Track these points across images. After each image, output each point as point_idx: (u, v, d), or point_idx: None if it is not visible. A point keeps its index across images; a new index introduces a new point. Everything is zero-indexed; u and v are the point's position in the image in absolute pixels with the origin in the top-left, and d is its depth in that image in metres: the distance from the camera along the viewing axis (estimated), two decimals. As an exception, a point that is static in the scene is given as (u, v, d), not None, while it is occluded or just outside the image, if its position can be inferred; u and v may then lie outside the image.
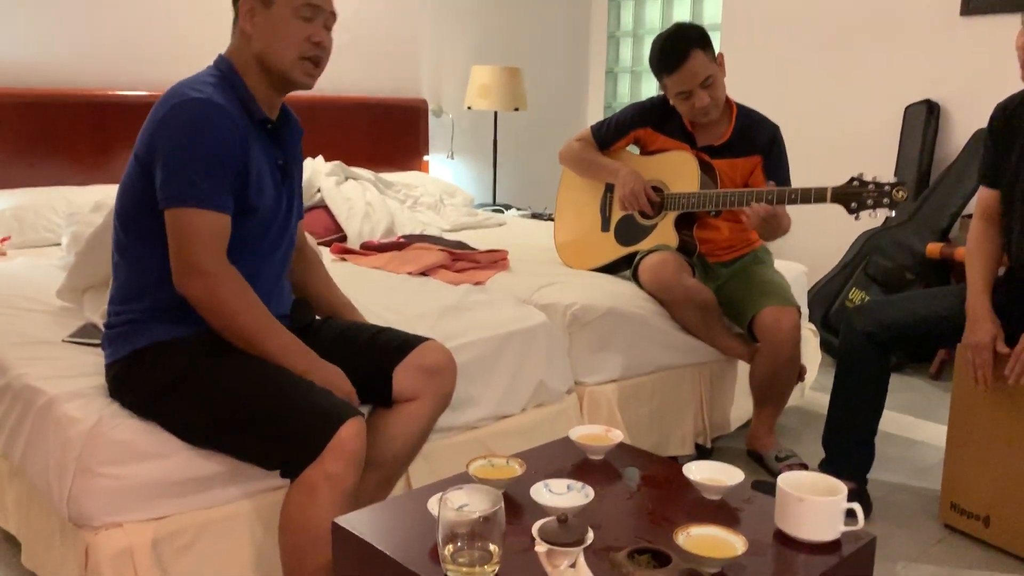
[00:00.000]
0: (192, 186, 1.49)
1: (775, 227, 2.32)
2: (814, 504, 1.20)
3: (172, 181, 1.50)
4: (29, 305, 2.13)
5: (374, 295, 2.28)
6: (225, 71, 1.62)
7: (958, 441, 2.17)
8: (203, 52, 1.86)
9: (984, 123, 2.16)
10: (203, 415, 1.53)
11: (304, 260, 1.90)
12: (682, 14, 4.60)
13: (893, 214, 2.16)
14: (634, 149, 2.69)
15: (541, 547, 1.09)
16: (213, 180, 1.50)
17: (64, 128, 3.15)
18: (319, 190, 3.32)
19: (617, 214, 2.66)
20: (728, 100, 2.51)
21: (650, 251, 2.49)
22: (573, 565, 1.08)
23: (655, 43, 2.45)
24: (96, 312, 1.98)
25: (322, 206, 3.29)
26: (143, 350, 1.57)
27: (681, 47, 2.36)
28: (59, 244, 2.72)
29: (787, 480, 1.24)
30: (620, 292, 2.45)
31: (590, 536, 1.12)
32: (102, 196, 2.86)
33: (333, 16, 1.65)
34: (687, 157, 2.49)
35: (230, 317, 1.52)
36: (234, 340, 1.54)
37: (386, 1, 4.11)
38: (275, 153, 1.66)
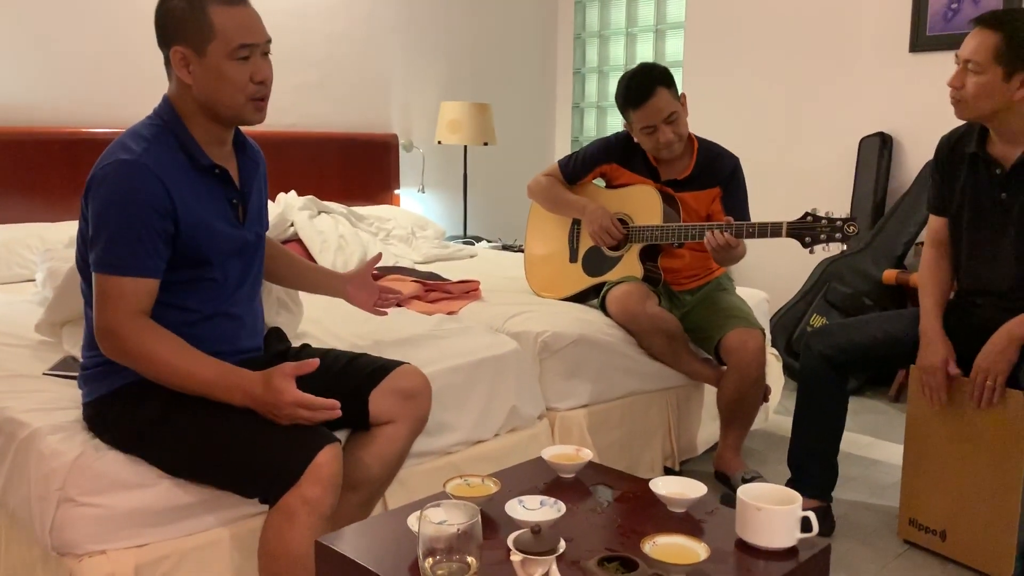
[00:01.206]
0: (111, 254, 1.51)
1: (731, 255, 2.41)
2: (771, 513, 1.27)
3: (95, 246, 1.53)
4: (7, 340, 2.15)
5: (348, 325, 2.33)
6: (167, 119, 1.60)
7: (914, 460, 2.25)
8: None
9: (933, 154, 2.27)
10: (182, 450, 1.56)
11: (274, 253, 1.93)
12: (645, 51, 4.75)
13: (845, 247, 2.27)
14: (600, 182, 2.79)
15: (516, 556, 1.14)
16: (134, 247, 1.50)
17: (36, 165, 3.18)
18: (292, 224, 3.38)
19: (584, 245, 2.74)
20: (690, 136, 2.61)
21: (617, 282, 2.58)
22: (547, 574, 1.14)
23: (622, 80, 2.54)
24: (75, 345, 2.01)
25: (295, 240, 3.34)
26: (119, 390, 1.60)
27: (647, 84, 2.46)
28: (33, 280, 2.74)
29: (747, 491, 1.31)
30: (589, 320, 2.53)
31: (562, 546, 1.18)
32: (75, 232, 2.88)
33: (268, 42, 1.61)
34: (650, 191, 2.59)
35: (147, 369, 1.53)
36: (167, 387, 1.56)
37: (357, 39, 4.20)
38: (228, 194, 1.66)
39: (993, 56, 1.93)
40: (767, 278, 3.82)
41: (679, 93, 2.53)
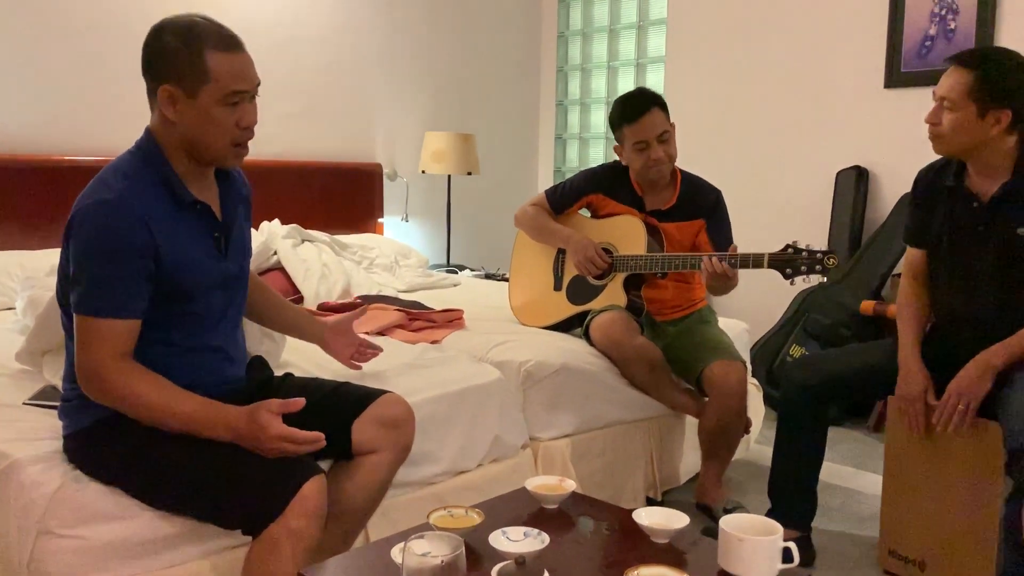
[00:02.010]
0: (91, 296, 1.50)
1: (726, 284, 2.43)
2: (753, 543, 1.28)
3: (75, 288, 1.53)
4: (-14, 368, 2.13)
5: (332, 355, 2.33)
6: (149, 153, 1.59)
7: (893, 490, 2.27)
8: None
9: (909, 187, 2.31)
10: (164, 481, 1.56)
11: (255, 285, 1.92)
12: (626, 84, 4.82)
13: (825, 279, 2.31)
14: (585, 212, 2.82)
15: (500, 589, 1.15)
16: (115, 289, 1.50)
17: (18, 193, 3.17)
18: (275, 252, 3.38)
19: (569, 274, 2.77)
20: (674, 168, 2.66)
21: (601, 311, 2.60)
22: (530, 606, 1.14)
23: (617, 100, 2.63)
24: (56, 375, 1.99)
25: (279, 268, 3.34)
26: (100, 422, 1.59)
27: (642, 102, 2.55)
28: (13, 308, 2.72)
29: (728, 522, 1.33)
30: (572, 349, 2.54)
31: (546, 578, 1.18)
32: (56, 260, 2.87)
33: (258, 84, 1.60)
34: (635, 221, 2.63)
35: (129, 409, 1.53)
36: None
37: (342, 69, 4.24)
38: (210, 228, 1.65)
39: (967, 94, 1.98)
40: (747, 308, 3.85)
41: (670, 121, 2.60)
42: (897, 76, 3.73)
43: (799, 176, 4.09)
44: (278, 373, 1.91)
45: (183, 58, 1.52)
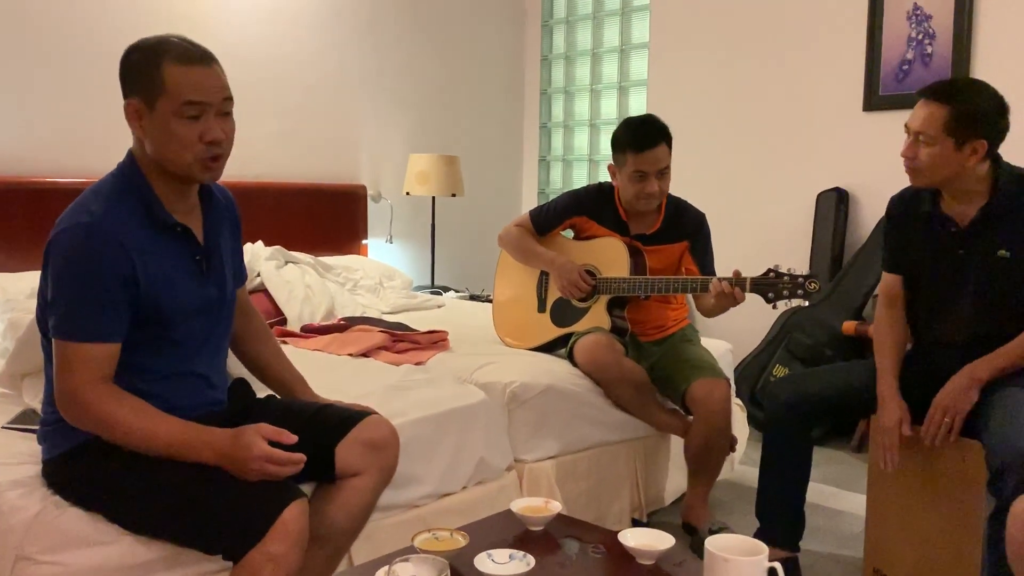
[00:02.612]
0: (70, 320, 1.49)
1: (727, 305, 2.42)
2: (739, 564, 1.28)
3: (53, 312, 1.52)
4: (-36, 392, 2.11)
5: (315, 376, 2.29)
6: (130, 174, 1.59)
7: (877, 510, 2.28)
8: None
9: (890, 208, 2.34)
10: (144, 506, 1.54)
11: (254, 332, 1.90)
12: (609, 108, 4.86)
13: (806, 304, 2.33)
14: (569, 233, 2.84)
15: (486, 612, 1.14)
16: (94, 313, 1.49)
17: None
18: (259, 274, 3.37)
19: (553, 296, 2.78)
20: None
21: (585, 332, 2.61)
22: (516, 629, 1.14)
23: (628, 122, 2.62)
24: (35, 398, 1.97)
25: (262, 290, 3.33)
26: (79, 447, 1.57)
27: (654, 133, 2.56)
28: (-7, 330, 2.69)
29: (714, 542, 1.32)
30: (557, 371, 2.54)
31: (532, 601, 1.17)
32: (37, 283, 2.84)
33: (228, 101, 1.57)
34: (618, 244, 2.64)
35: (110, 434, 1.51)
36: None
37: (327, 90, 4.25)
38: (191, 251, 1.64)
39: (943, 128, 2.00)
40: (731, 329, 3.87)
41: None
42: (876, 100, 3.79)
43: (780, 198, 4.14)
44: (260, 395, 1.90)
45: (143, 69, 1.54)
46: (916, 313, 2.24)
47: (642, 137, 2.55)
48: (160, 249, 1.58)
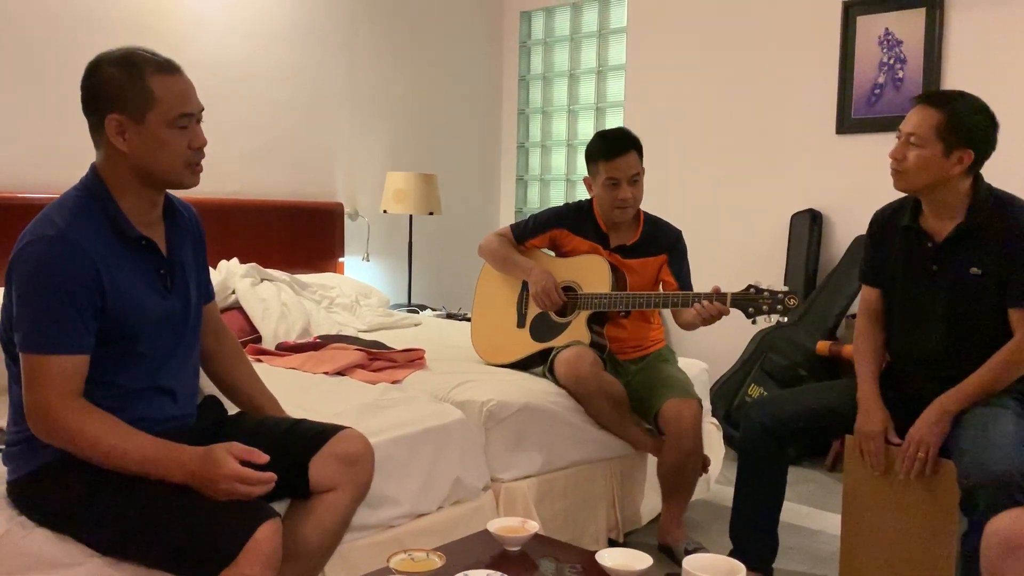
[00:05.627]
0: (38, 333, 1.49)
1: (713, 320, 2.42)
2: (717, 584, 1.28)
3: (20, 326, 1.50)
4: (-72, 409, 2.06)
5: (290, 395, 2.29)
6: (94, 189, 1.59)
7: (852, 530, 2.29)
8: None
9: (861, 230, 2.37)
10: (112, 527, 1.51)
11: (226, 353, 1.89)
12: (586, 128, 4.90)
13: (785, 320, 2.35)
14: (550, 252, 2.85)
15: (463, 634, 1.13)
16: (61, 324, 1.48)
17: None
18: (234, 291, 3.33)
19: (532, 311, 2.78)
20: (638, 209, 2.73)
21: (565, 346, 2.61)
22: (493, 651, 1.12)
23: (598, 135, 2.71)
24: (1, 416, 1.93)
25: (237, 307, 3.29)
26: (45, 467, 1.55)
27: (623, 141, 2.64)
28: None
29: (691, 563, 1.32)
30: (534, 389, 2.54)
31: (509, 622, 1.16)
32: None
33: (202, 109, 1.64)
34: (600, 260, 2.66)
35: (79, 449, 1.49)
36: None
37: (303, 108, 4.24)
38: (155, 264, 1.65)
39: (935, 132, 2.04)
40: (706, 348, 3.89)
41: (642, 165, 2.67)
42: (848, 123, 3.85)
43: (755, 219, 4.18)
44: (231, 412, 1.87)
45: (126, 85, 1.54)
46: (890, 328, 2.26)
47: (612, 144, 2.63)
48: (125, 262, 1.58)
